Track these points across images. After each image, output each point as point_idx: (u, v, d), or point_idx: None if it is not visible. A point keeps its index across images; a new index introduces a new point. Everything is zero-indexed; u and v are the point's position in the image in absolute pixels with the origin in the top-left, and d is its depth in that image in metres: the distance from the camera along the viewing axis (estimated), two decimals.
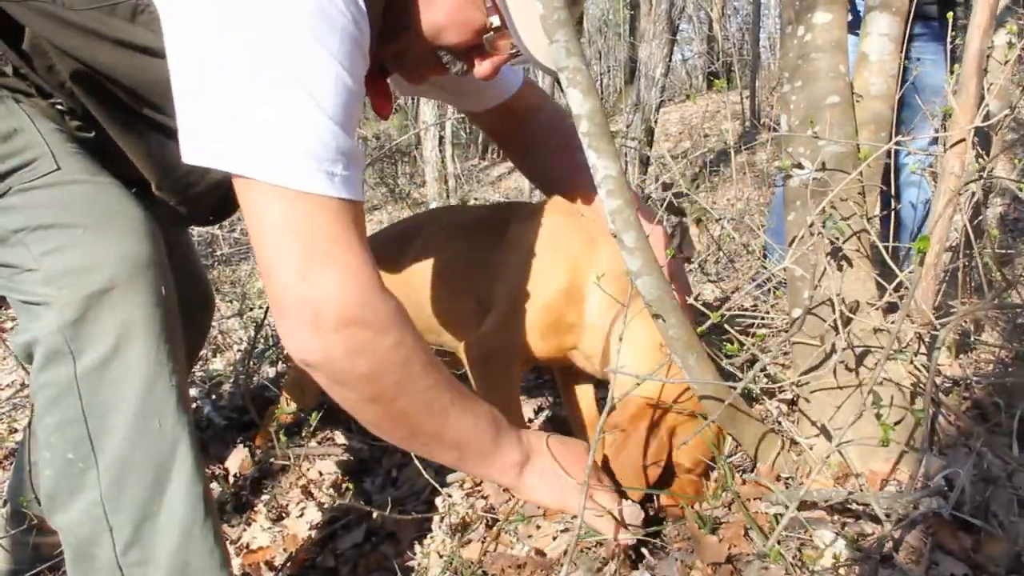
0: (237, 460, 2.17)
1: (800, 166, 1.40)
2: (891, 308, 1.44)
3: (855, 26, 2.67)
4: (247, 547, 1.79)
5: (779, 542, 1.25)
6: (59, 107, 1.23)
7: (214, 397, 2.72)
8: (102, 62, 1.14)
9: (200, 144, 0.99)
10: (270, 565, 1.70)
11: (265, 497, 1.99)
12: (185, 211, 1.34)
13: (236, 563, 1.74)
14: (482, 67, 1.29)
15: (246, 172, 0.97)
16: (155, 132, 1.23)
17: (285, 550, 1.74)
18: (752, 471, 1.45)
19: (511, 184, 12.08)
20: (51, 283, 1.11)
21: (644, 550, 1.35)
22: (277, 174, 0.96)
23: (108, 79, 1.16)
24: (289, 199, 0.97)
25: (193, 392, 2.69)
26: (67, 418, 1.12)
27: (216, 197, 1.31)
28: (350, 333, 1.01)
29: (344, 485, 1.95)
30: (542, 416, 2.00)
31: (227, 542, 1.82)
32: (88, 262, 1.11)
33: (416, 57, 1.30)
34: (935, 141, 1.47)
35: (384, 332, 1.03)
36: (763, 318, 1.95)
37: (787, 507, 1.22)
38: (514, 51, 1.25)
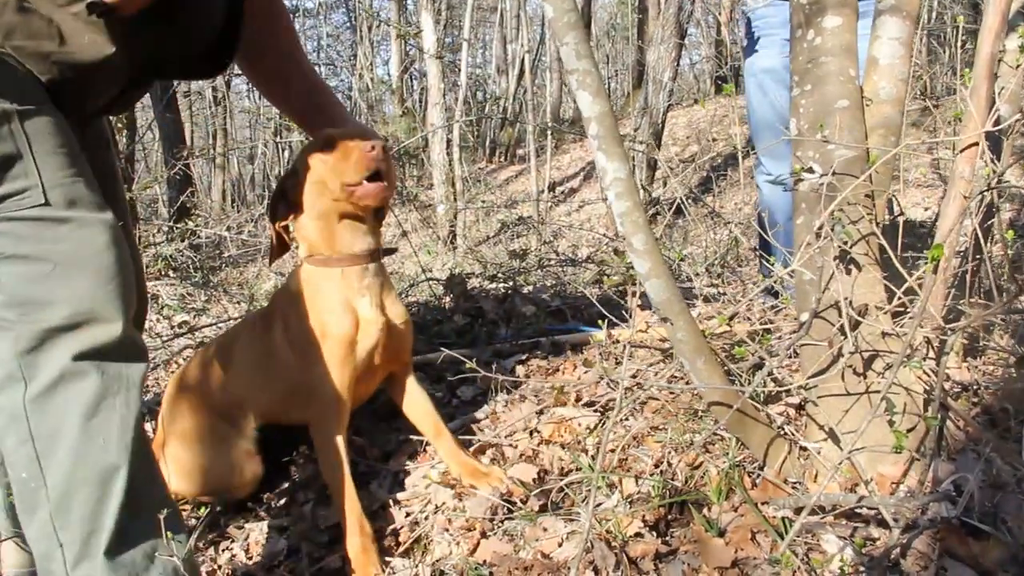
0: None
1: (811, 170, 1.39)
2: (897, 312, 1.44)
3: None
4: (254, 545, 1.79)
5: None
6: None
7: None
8: None
9: None
10: (275, 565, 1.70)
11: (270, 497, 1.99)
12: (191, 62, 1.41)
13: (241, 562, 1.74)
14: None
15: None
16: None
17: (291, 549, 1.74)
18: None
19: (519, 187, 12.10)
20: (12, 308, 1.17)
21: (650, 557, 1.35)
22: None
23: None
24: None
25: None
26: (19, 440, 1.17)
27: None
28: None
29: None
30: (545, 418, 1.99)
31: (232, 542, 1.82)
32: (51, 298, 1.17)
33: None
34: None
35: None
36: (770, 322, 1.95)
37: (797, 511, 1.21)
38: None
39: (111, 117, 1.64)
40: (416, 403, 1.87)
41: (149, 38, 1.32)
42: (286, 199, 1.70)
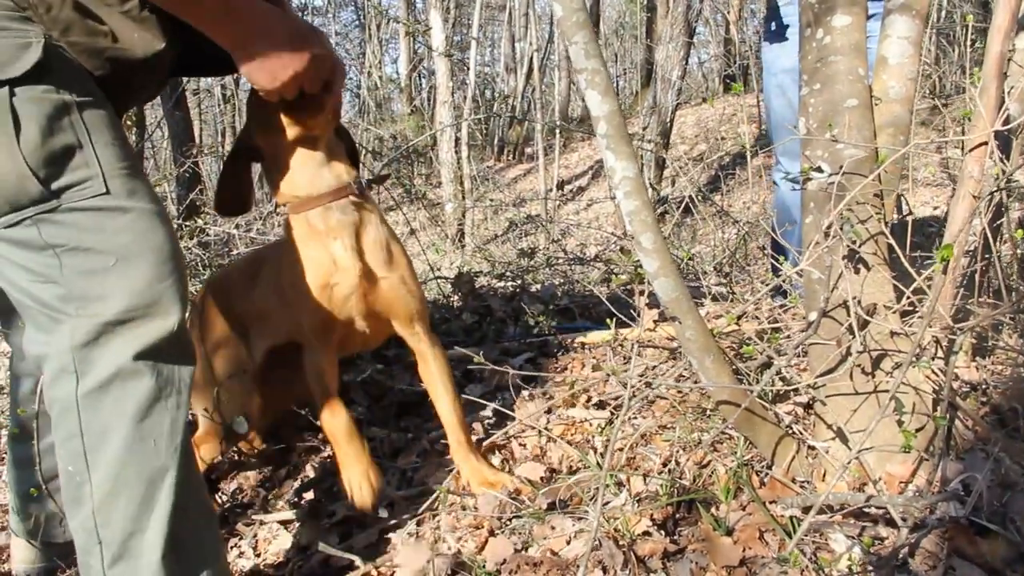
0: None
1: (820, 169, 1.39)
2: (906, 312, 1.44)
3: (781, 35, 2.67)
4: (263, 543, 1.80)
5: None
6: None
7: None
8: None
9: None
10: (284, 563, 1.71)
11: (279, 494, 2.00)
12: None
13: (249, 560, 1.75)
14: None
15: None
16: None
17: (299, 548, 1.75)
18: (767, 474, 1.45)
19: (527, 185, 12.10)
20: (70, 302, 1.16)
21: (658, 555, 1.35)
22: None
23: None
24: None
25: None
26: (69, 433, 1.17)
27: None
28: None
29: None
30: (554, 417, 2.00)
31: (241, 539, 1.84)
32: (110, 291, 1.16)
33: None
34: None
35: None
36: (778, 321, 1.95)
37: (805, 510, 1.22)
38: None
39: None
40: (437, 393, 1.81)
41: (194, 33, 1.32)
42: (249, 148, 1.65)
